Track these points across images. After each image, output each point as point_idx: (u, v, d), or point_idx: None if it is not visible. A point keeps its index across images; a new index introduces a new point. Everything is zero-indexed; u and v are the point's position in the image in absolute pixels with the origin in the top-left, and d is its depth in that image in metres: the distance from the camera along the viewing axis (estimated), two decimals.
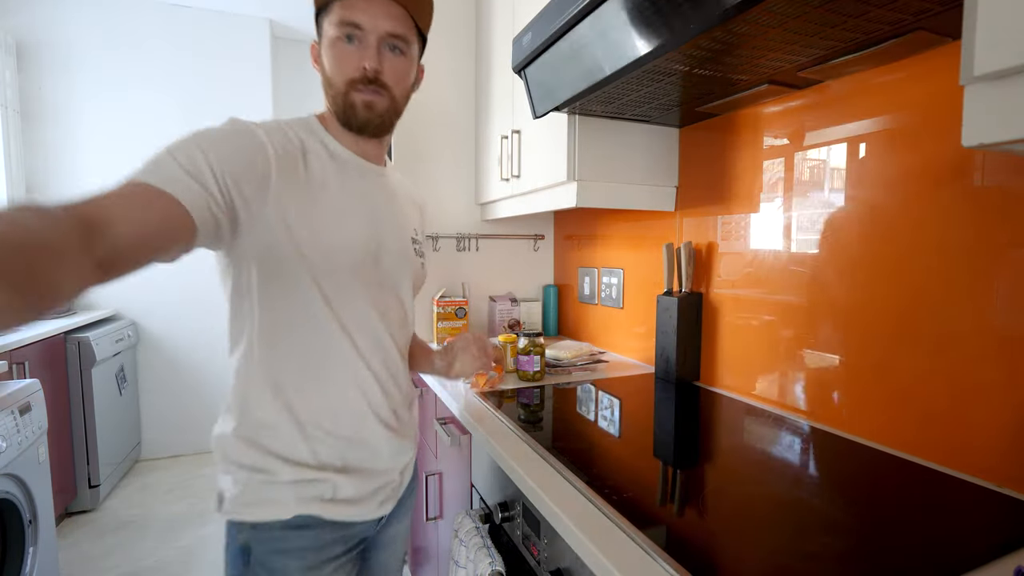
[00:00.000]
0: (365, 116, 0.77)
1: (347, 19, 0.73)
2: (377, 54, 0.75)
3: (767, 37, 0.75)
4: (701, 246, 1.30)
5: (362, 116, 0.77)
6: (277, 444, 0.73)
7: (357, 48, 0.74)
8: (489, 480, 1.02)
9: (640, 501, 0.71)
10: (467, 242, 1.94)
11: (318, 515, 0.74)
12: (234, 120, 0.71)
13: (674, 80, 0.95)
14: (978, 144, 0.48)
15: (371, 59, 0.74)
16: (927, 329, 0.83)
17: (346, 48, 0.74)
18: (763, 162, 1.12)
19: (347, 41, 0.74)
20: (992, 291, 0.75)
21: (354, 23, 0.73)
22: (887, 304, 0.89)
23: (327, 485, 0.74)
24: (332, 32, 0.74)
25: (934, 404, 0.83)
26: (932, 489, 0.75)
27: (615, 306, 1.68)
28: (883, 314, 0.90)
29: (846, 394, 0.96)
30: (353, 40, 0.74)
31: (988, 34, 0.45)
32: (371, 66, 0.74)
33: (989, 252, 0.76)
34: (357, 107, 0.76)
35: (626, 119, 1.25)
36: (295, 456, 0.74)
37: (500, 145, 1.63)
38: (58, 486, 2.15)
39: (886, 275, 0.89)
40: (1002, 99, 0.45)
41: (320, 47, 0.78)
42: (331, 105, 0.78)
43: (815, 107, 1.00)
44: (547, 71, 1.07)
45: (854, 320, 0.94)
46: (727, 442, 0.95)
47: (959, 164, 0.78)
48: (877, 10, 0.67)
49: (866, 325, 0.92)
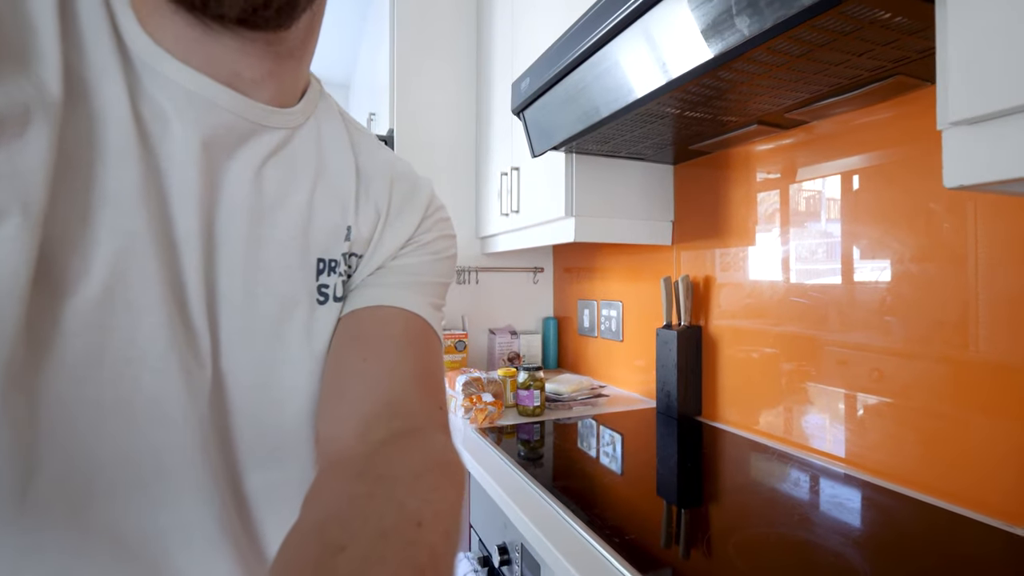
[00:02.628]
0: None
1: None
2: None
3: (754, 83, 0.78)
4: (699, 279, 1.32)
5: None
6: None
7: None
8: (488, 521, 1.00)
9: (643, 543, 0.70)
10: (467, 275, 1.96)
11: None
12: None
13: (667, 121, 0.98)
14: (959, 185, 0.49)
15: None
16: (935, 363, 0.84)
17: None
18: (757, 196, 1.15)
19: None
20: (984, 322, 0.76)
21: None
22: (893, 337, 0.90)
23: None
24: None
25: (947, 441, 0.82)
26: (954, 532, 0.74)
27: (615, 339, 1.68)
28: (889, 346, 0.90)
29: (853, 430, 0.96)
30: None
31: (960, 82, 0.47)
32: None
33: (976, 280, 0.77)
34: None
35: (622, 157, 1.28)
36: None
37: (500, 181, 1.66)
38: None
39: (885, 306, 0.90)
40: (978, 143, 0.47)
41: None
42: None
43: (804, 145, 1.03)
44: (544, 114, 1.11)
45: (858, 352, 0.95)
46: (732, 480, 0.94)
47: (948, 199, 0.80)
48: (857, 58, 0.70)
49: (872, 358, 0.93)
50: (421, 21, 1.87)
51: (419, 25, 1.86)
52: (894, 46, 0.66)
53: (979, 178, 0.48)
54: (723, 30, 0.64)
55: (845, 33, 0.63)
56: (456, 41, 1.92)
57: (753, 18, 0.60)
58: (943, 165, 0.50)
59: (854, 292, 0.94)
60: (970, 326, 0.78)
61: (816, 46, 0.66)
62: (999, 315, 0.74)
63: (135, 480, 0.34)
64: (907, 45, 0.66)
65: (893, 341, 0.88)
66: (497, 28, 1.72)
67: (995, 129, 0.46)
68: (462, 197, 1.96)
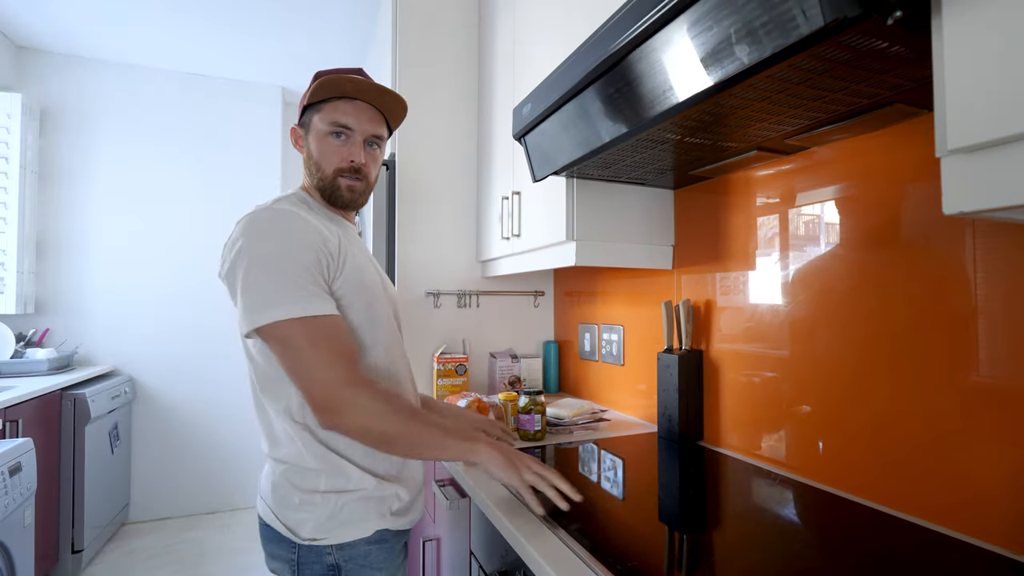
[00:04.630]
0: (348, 197, 0.95)
1: (338, 121, 0.92)
2: (362, 150, 0.94)
3: (754, 109, 0.80)
4: (699, 303, 1.32)
5: (346, 197, 0.95)
6: (354, 453, 0.86)
7: (344, 143, 0.93)
8: (489, 547, 0.98)
9: (646, 570, 0.68)
10: (468, 299, 1.96)
11: (389, 528, 0.88)
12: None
13: (667, 147, 1.00)
14: (958, 212, 0.50)
15: (357, 155, 0.93)
16: (936, 386, 0.83)
17: (334, 142, 0.92)
18: (757, 220, 1.15)
19: (335, 137, 0.92)
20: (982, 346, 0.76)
21: (345, 125, 0.92)
22: (888, 362, 0.89)
23: (393, 497, 0.89)
24: (323, 128, 0.92)
25: (950, 467, 0.81)
26: (958, 560, 0.72)
27: (616, 363, 1.67)
28: (885, 372, 0.90)
29: (853, 455, 0.94)
30: (341, 136, 0.93)
31: (958, 111, 0.48)
32: (358, 161, 0.93)
33: (975, 304, 0.77)
34: (342, 190, 0.94)
35: (623, 182, 1.29)
36: (372, 469, 0.87)
37: (501, 205, 1.67)
38: (40, 551, 2.06)
39: (882, 331, 0.90)
40: (976, 171, 0.48)
41: (307, 134, 0.95)
42: (316, 184, 0.95)
43: (804, 171, 1.04)
44: (546, 139, 1.12)
45: (862, 377, 0.94)
46: (735, 506, 0.93)
47: (947, 225, 0.81)
48: (855, 86, 0.71)
49: (872, 383, 0.92)
50: (423, 47, 1.91)
51: (421, 51, 1.90)
52: (892, 75, 0.68)
53: (978, 205, 0.48)
54: (723, 58, 0.66)
55: (843, 62, 0.64)
56: (457, 66, 1.96)
57: (752, 46, 0.61)
58: (942, 192, 0.50)
59: (854, 317, 0.94)
60: (971, 350, 0.77)
61: (815, 74, 0.67)
62: (998, 339, 0.74)
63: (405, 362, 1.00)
64: (905, 73, 0.68)
65: (893, 366, 0.87)
66: (499, 53, 1.76)
67: (993, 157, 0.46)
68: (463, 221, 1.97)
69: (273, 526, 0.86)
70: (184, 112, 3.07)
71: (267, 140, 3.23)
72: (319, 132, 0.92)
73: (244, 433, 3.12)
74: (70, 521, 2.32)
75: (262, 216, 0.83)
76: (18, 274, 2.57)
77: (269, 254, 0.79)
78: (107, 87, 2.92)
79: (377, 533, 0.86)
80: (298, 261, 0.79)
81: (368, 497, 0.86)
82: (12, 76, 2.72)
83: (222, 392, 3.09)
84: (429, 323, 1.89)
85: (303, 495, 0.84)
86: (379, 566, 0.87)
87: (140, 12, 2.45)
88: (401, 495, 0.90)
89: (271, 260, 0.78)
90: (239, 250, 0.80)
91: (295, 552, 0.84)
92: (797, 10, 0.55)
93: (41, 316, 2.77)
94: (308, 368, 0.77)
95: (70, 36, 2.67)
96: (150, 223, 2.98)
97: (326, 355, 0.77)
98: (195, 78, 3.09)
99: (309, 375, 0.77)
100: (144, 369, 2.96)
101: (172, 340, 3.00)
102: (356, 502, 0.85)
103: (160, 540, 2.71)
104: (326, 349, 0.77)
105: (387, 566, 0.88)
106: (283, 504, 0.85)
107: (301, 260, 0.79)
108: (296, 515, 0.84)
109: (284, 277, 0.78)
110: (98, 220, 2.89)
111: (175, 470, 3.00)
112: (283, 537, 0.85)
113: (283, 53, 2.86)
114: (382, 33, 2.15)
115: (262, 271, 0.78)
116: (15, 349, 2.47)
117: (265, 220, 0.82)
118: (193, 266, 3.04)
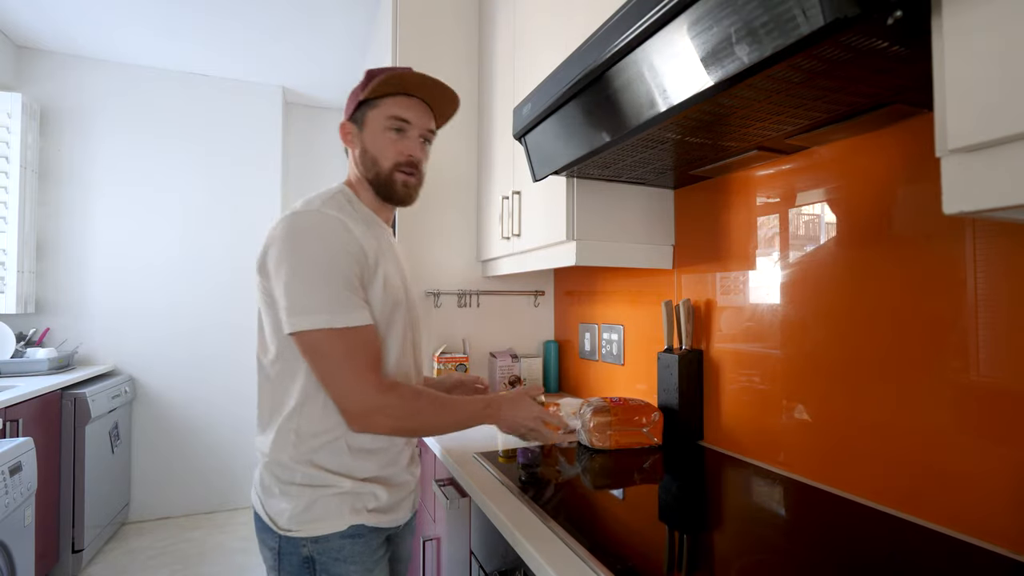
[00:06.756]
0: (404, 192, 0.98)
1: (399, 115, 0.94)
2: (418, 145, 0.97)
3: (753, 109, 0.80)
4: (700, 303, 1.32)
5: (401, 192, 0.97)
6: (332, 464, 0.87)
7: (402, 138, 0.95)
8: (489, 546, 0.98)
9: (646, 569, 0.68)
10: (468, 298, 1.96)
11: (365, 524, 0.88)
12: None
13: (668, 146, 1.00)
14: (958, 212, 0.50)
15: (415, 149, 0.96)
16: (936, 387, 0.83)
17: (393, 137, 0.94)
18: (757, 220, 1.15)
19: (395, 132, 0.94)
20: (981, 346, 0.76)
21: (404, 119, 0.94)
22: (889, 362, 0.89)
23: (370, 496, 0.89)
24: (382, 122, 0.94)
25: (951, 467, 0.81)
26: (959, 560, 0.73)
27: (616, 363, 1.67)
28: (888, 371, 0.90)
29: (855, 456, 0.94)
30: (400, 131, 0.95)
31: (958, 111, 0.48)
32: (416, 156, 0.96)
33: (973, 305, 0.77)
34: (398, 185, 0.96)
35: (623, 181, 1.29)
36: (347, 471, 0.88)
37: (501, 205, 1.67)
38: (40, 550, 2.06)
39: (882, 331, 0.90)
40: (976, 171, 0.48)
41: (361, 130, 0.96)
42: (371, 179, 0.97)
43: (804, 170, 1.04)
44: (546, 138, 1.12)
45: (861, 377, 0.94)
46: (735, 505, 0.93)
47: (947, 224, 0.81)
48: (855, 85, 0.71)
49: (871, 382, 0.92)
50: (423, 47, 1.91)
51: (421, 51, 1.90)
52: (892, 75, 0.68)
53: (978, 204, 0.48)
54: (723, 58, 0.66)
55: (843, 62, 0.64)
56: (458, 66, 1.96)
57: (753, 46, 0.61)
58: (942, 192, 0.50)
59: (854, 316, 0.94)
60: (972, 350, 0.77)
61: (815, 74, 0.67)
62: (999, 338, 0.74)
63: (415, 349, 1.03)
64: (905, 73, 0.68)
65: (894, 366, 0.87)
66: (499, 53, 1.76)
67: (993, 156, 0.46)
68: (463, 221, 1.97)
69: (260, 515, 0.89)
70: (184, 112, 3.07)
71: (267, 139, 3.23)
72: (377, 127, 0.94)
73: (244, 433, 3.12)
74: (70, 521, 2.32)
75: (311, 219, 0.85)
76: (18, 274, 2.57)
77: (313, 259, 0.82)
78: (107, 87, 2.92)
79: (351, 528, 0.87)
80: (341, 270, 0.83)
81: (343, 493, 0.87)
82: (12, 76, 2.72)
83: (222, 392, 3.09)
84: (429, 323, 1.89)
85: (282, 486, 0.87)
86: (353, 560, 0.87)
87: (140, 12, 2.45)
88: (379, 494, 0.90)
89: (316, 265, 0.82)
90: (284, 249, 0.83)
91: (277, 542, 0.87)
92: (797, 10, 0.55)
93: (41, 316, 2.77)
94: (343, 379, 0.82)
95: (70, 36, 2.66)
96: (150, 222, 2.98)
97: (359, 366, 0.82)
98: (195, 78, 3.09)
99: (344, 385, 0.82)
100: (144, 369, 2.96)
101: (172, 340, 3.00)
102: (330, 497, 0.86)
103: (160, 540, 2.71)
104: (361, 360, 0.82)
105: (361, 560, 0.88)
106: (267, 494, 0.88)
107: (344, 269, 0.83)
108: (278, 505, 0.87)
109: (327, 285, 0.81)
110: (98, 220, 2.89)
111: (175, 470, 3.00)
112: (267, 526, 0.88)
113: (283, 53, 2.86)
114: (382, 33, 2.14)
115: (306, 276, 0.81)
116: (15, 349, 2.47)
117: (313, 224, 0.85)
118: (194, 265, 3.04)
